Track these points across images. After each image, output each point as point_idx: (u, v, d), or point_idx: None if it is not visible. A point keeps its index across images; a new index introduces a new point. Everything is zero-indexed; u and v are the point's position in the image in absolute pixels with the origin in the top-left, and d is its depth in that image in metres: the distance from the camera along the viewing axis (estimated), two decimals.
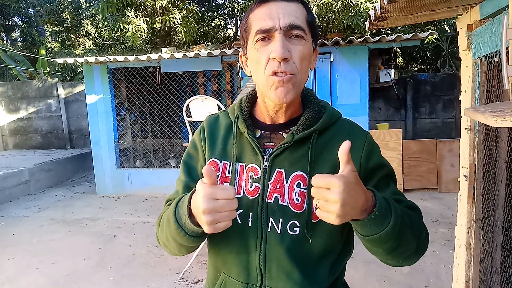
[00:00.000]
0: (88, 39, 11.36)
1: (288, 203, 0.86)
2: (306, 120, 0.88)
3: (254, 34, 0.81)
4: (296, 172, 0.86)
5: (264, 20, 0.80)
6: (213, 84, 7.56)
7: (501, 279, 1.62)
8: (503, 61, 0.98)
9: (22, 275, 3.52)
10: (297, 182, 0.86)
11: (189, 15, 7.73)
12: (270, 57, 0.79)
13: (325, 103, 0.94)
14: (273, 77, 0.80)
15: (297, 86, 0.82)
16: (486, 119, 0.83)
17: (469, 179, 1.81)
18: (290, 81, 0.80)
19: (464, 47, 1.83)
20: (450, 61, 8.11)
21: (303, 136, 0.86)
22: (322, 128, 0.88)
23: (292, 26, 0.79)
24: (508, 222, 1.55)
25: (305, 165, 0.85)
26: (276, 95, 0.81)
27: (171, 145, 7.61)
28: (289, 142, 0.87)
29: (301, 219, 0.85)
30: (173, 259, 3.71)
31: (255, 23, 0.81)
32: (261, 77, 0.82)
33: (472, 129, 1.81)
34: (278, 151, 0.88)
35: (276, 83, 0.80)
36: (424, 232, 0.86)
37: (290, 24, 0.79)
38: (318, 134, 0.87)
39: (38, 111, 9.01)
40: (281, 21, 0.79)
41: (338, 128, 0.90)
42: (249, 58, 0.86)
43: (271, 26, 0.79)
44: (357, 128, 0.92)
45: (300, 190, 0.86)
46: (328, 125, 0.89)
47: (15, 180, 6.33)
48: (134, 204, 5.69)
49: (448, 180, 5.52)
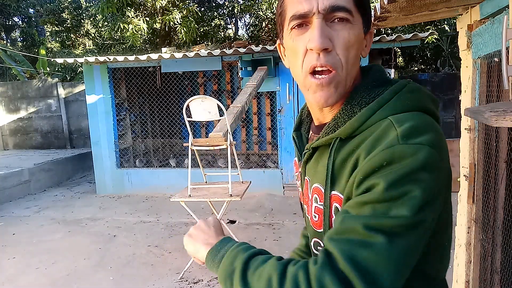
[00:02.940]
0: (88, 39, 11.36)
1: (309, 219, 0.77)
2: (335, 121, 0.70)
3: (289, 20, 0.69)
4: (315, 184, 0.74)
5: (300, 2, 0.66)
6: (213, 84, 7.56)
7: (501, 279, 1.62)
8: (503, 61, 0.98)
9: (22, 275, 3.52)
10: (314, 196, 0.74)
11: (189, 15, 7.73)
12: (307, 48, 0.66)
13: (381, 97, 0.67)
14: (311, 79, 0.67)
15: (342, 85, 0.68)
16: (486, 119, 0.83)
17: (469, 179, 1.81)
18: (331, 83, 0.67)
19: (464, 47, 1.84)
20: (450, 61, 8.11)
21: (320, 143, 0.72)
22: (347, 133, 0.67)
23: (333, 8, 0.65)
24: (508, 222, 1.55)
25: (322, 177, 0.71)
26: (315, 100, 0.69)
27: (171, 145, 7.61)
28: (308, 149, 0.76)
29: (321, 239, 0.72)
30: (173, 259, 3.71)
31: (290, 7, 0.68)
32: (299, 73, 0.70)
33: (472, 129, 1.81)
34: (306, 156, 0.77)
35: (313, 87, 0.68)
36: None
37: (332, 6, 0.65)
38: (344, 140, 0.68)
39: (38, 111, 9.01)
40: (319, 2, 0.65)
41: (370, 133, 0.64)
42: (286, 48, 0.74)
43: (308, 10, 0.65)
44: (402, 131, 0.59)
45: (317, 206, 0.73)
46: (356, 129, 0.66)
47: (15, 180, 6.33)
48: (134, 204, 5.69)
49: None
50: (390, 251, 0.54)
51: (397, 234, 0.55)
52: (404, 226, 0.55)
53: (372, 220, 0.56)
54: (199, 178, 3.75)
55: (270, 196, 5.62)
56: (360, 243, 0.55)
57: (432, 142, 0.58)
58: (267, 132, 7.24)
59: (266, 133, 7.26)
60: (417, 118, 0.62)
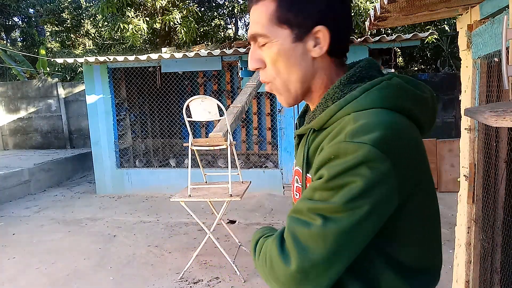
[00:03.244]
0: (88, 39, 11.37)
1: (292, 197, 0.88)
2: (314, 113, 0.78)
3: None
4: (297, 167, 0.84)
5: None
6: (213, 84, 7.56)
7: (501, 279, 1.62)
8: (503, 61, 0.98)
9: (22, 275, 3.52)
10: (296, 178, 0.84)
11: (189, 15, 7.73)
12: None
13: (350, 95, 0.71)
14: None
15: (284, 89, 0.78)
16: (486, 119, 0.83)
17: (469, 179, 1.81)
18: (273, 90, 0.80)
19: (464, 47, 1.84)
20: (450, 61, 8.12)
21: (300, 132, 0.82)
22: (318, 125, 0.74)
23: (252, 36, 0.77)
24: (508, 222, 1.55)
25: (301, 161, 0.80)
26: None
27: (171, 145, 7.61)
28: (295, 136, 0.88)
29: None
30: (173, 259, 3.71)
31: None
32: None
33: (472, 129, 1.81)
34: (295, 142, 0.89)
35: None
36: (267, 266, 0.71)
37: (251, 35, 0.77)
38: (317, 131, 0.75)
39: (38, 111, 9.01)
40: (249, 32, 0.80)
41: (335, 127, 0.70)
42: None
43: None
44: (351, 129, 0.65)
45: (297, 186, 0.83)
46: (325, 122, 0.73)
47: (15, 180, 6.33)
48: (134, 204, 5.70)
49: (448, 180, 5.52)
50: (324, 231, 0.63)
51: (332, 219, 0.63)
52: (338, 212, 0.63)
53: (315, 205, 0.65)
54: (199, 178, 3.75)
55: (270, 196, 5.62)
56: (303, 222, 0.66)
57: (375, 141, 0.62)
58: (267, 132, 7.24)
59: (266, 133, 7.26)
60: (373, 116, 0.66)
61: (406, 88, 0.72)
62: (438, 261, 0.77)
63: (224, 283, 3.20)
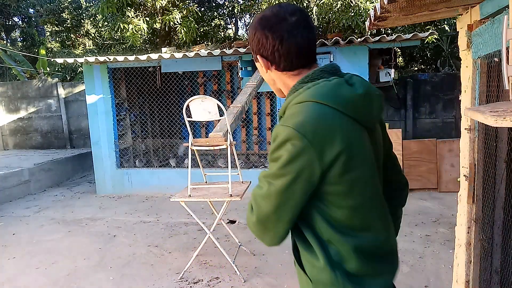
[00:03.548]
0: (88, 39, 11.36)
1: None
2: None
3: None
4: None
5: None
6: (213, 84, 7.56)
7: (501, 279, 1.62)
8: (503, 61, 0.98)
9: (22, 275, 3.52)
10: None
11: (189, 15, 7.72)
12: None
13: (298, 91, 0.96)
14: None
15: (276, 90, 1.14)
16: (486, 119, 0.83)
17: (469, 179, 1.81)
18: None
19: (464, 47, 1.84)
20: (450, 61, 8.11)
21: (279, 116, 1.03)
22: (281, 113, 1.00)
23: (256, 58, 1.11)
24: (508, 222, 1.55)
25: None
26: None
27: (171, 145, 7.61)
28: None
29: None
30: (173, 259, 3.71)
31: None
32: None
33: (472, 129, 1.81)
34: None
35: None
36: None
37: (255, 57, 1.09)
38: (281, 117, 0.98)
39: (38, 111, 9.01)
40: None
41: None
42: None
43: None
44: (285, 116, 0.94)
45: None
46: (283, 111, 0.98)
47: (15, 180, 6.33)
48: (134, 204, 5.70)
49: (448, 180, 5.52)
50: (269, 192, 0.91)
51: (272, 183, 0.90)
52: (276, 176, 0.89)
53: (264, 173, 0.94)
54: (199, 178, 3.75)
55: None
56: (258, 187, 0.95)
57: (295, 125, 0.86)
58: (267, 132, 7.24)
59: (266, 133, 7.26)
60: (302, 107, 0.90)
61: (339, 86, 0.92)
62: (378, 224, 0.96)
63: (224, 283, 3.20)
